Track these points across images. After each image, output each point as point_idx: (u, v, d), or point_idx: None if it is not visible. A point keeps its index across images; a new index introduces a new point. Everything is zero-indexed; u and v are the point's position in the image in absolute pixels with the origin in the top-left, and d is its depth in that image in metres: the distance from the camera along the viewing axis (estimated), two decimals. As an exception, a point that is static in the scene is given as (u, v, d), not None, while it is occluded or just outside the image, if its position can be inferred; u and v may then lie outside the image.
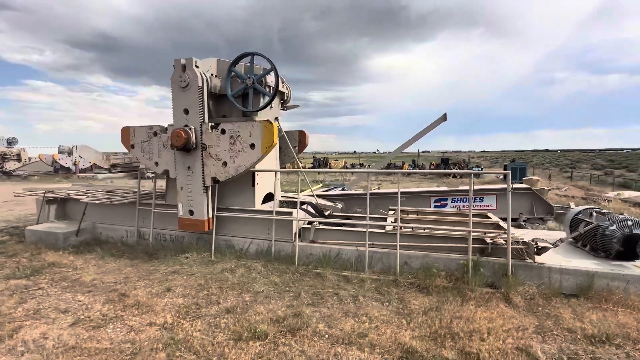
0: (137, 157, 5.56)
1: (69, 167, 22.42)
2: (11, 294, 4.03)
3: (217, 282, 4.34)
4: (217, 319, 3.45)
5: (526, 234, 4.84)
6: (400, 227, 4.62)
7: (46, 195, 6.57)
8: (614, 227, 4.16)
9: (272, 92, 5.14)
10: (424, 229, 4.73)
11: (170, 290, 4.10)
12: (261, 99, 5.37)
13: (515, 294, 3.78)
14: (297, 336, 3.11)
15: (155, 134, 5.37)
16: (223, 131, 4.95)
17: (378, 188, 10.91)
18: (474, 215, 6.10)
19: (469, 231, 4.29)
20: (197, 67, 4.99)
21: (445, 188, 7.85)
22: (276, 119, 6.07)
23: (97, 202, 5.97)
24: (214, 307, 3.69)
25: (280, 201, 6.35)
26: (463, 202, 7.51)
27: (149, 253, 5.51)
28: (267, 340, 3.04)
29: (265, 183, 5.73)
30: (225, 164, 5.00)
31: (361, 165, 32.45)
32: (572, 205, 8.09)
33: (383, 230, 4.87)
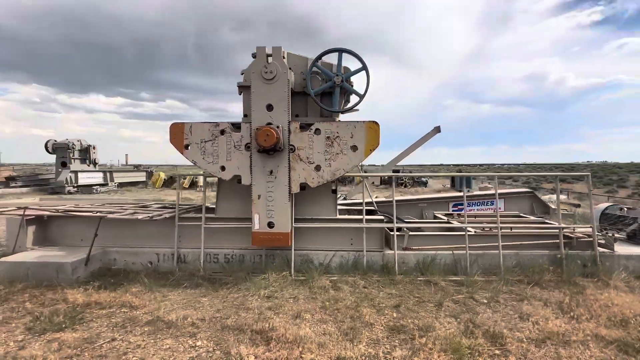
0: (194, 159, 4.51)
1: (-64, 181, 16.70)
2: (79, 352, 2.78)
3: (336, 302, 3.78)
4: (401, 342, 3.00)
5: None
6: (489, 229, 4.81)
7: (26, 213, 4.76)
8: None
9: (363, 92, 4.81)
10: (511, 228, 5.01)
11: (303, 319, 3.40)
12: (343, 99, 5.00)
13: (615, 280, 4.29)
14: (505, 345, 2.92)
15: (222, 132, 4.47)
16: (317, 131, 4.43)
17: (377, 197, 11.07)
18: (506, 216, 6.74)
19: (560, 228, 4.73)
20: (284, 57, 4.40)
21: (461, 193, 8.46)
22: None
23: (128, 217, 4.60)
24: (375, 329, 3.20)
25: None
26: (477, 205, 8.19)
27: (206, 278, 4.47)
28: (487, 356, 2.78)
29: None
30: (318, 167, 4.45)
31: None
32: (553, 206, 9.62)
33: (472, 232, 4.98)
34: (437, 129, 10.50)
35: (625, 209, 5.58)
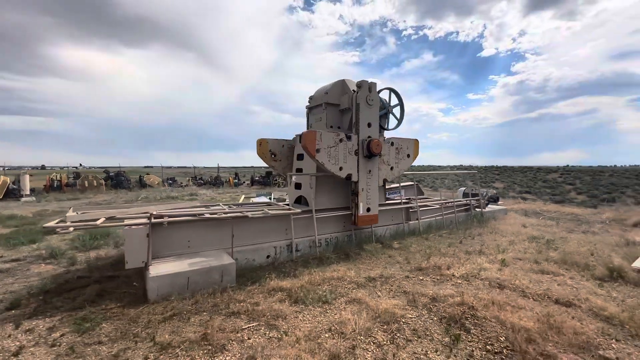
0: (322, 161, 5.51)
1: None
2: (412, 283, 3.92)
3: (420, 250, 6.16)
4: (481, 254, 5.85)
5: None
6: (444, 204, 8.50)
7: (153, 219, 4.07)
8: (486, 193, 10.45)
9: (400, 119, 7.22)
10: (453, 202, 8.88)
11: (433, 259, 5.59)
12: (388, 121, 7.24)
13: (491, 220, 8.91)
14: (514, 244, 6.35)
15: (341, 140, 5.75)
16: (392, 144, 6.54)
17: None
18: (422, 199, 10.90)
19: (470, 200, 9.01)
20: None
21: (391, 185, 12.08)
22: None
23: (264, 215, 4.94)
24: (462, 254, 5.89)
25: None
26: (396, 194, 12.06)
27: (341, 258, 5.62)
28: (514, 247, 6.09)
29: (376, 184, 7.41)
30: (392, 168, 6.57)
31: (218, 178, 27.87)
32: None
33: (438, 206, 8.49)
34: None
35: (474, 189, 10.82)
